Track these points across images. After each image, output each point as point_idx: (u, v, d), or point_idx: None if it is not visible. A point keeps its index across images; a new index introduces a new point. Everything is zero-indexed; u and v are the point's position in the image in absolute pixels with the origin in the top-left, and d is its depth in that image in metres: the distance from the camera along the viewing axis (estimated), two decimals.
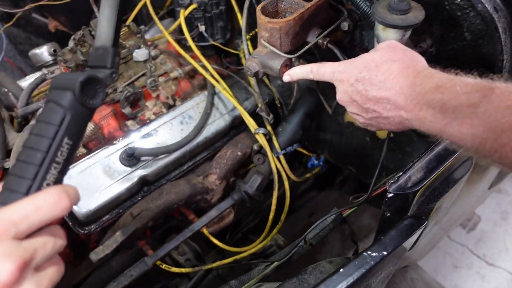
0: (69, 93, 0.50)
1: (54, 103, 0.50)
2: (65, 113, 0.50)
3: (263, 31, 0.92)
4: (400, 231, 0.73)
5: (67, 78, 0.52)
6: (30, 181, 0.47)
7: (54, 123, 0.49)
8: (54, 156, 0.49)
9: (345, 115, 1.27)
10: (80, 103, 0.51)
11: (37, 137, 0.49)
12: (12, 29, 1.93)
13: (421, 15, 0.81)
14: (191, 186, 1.30)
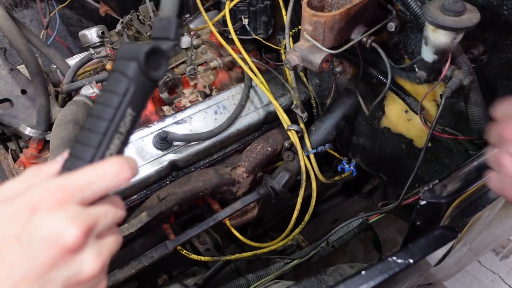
0: (134, 63, 0.50)
1: (119, 73, 0.50)
2: (129, 83, 0.50)
3: (307, 24, 0.90)
4: (430, 240, 0.69)
5: (132, 48, 0.52)
6: (95, 149, 0.48)
7: (119, 93, 0.49)
8: (117, 126, 0.49)
9: (382, 120, 1.23)
10: (144, 74, 0.51)
11: (102, 106, 0.49)
12: (66, 11, 2.03)
13: (476, 18, 0.77)
14: (218, 176, 1.30)
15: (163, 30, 0.55)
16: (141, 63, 0.50)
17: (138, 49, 0.51)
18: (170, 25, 0.55)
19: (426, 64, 0.87)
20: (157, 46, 0.52)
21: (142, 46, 0.51)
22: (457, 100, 0.98)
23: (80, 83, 1.37)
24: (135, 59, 0.50)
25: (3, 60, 1.41)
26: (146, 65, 0.50)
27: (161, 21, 0.56)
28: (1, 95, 1.35)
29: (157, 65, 0.52)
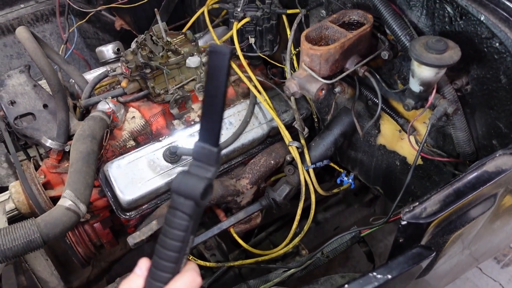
0: (192, 203, 0.62)
1: (180, 212, 0.63)
2: (190, 220, 0.63)
3: (305, 56, 0.99)
4: (408, 258, 0.77)
5: (186, 184, 0.63)
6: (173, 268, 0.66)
7: (183, 230, 0.63)
8: (184, 250, 0.65)
9: (378, 137, 1.31)
10: (198, 207, 0.63)
11: (170, 241, 0.64)
12: (83, 24, 2.14)
13: (456, 56, 0.84)
14: (224, 187, 1.40)
15: (205, 156, 0.65)
16: (198, 201, 0.62)
17: (194, 188, 0.62)
18: (211, 155, 0.65)
19: (413, 94, 0.95)
20: (210, 182, 0.63)
21: (197, 184, 0.62)
22: (446, 124, 1.05)
23: (97, 98, 1.47)
24: (193, 198, 0.62)
25: (28, 77, 1.53)
26: (201, 200, 0.62)
27: (203, 148, 0.65)
28: (25, 110, 1.46)
29: (207, 195, 0.64)
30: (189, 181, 0.63)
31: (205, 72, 0.61)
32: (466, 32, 0.89)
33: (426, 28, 0.97)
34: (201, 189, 0.62)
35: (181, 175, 0.65)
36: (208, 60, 0.63)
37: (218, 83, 0.63)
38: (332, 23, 1.02)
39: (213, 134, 0.65)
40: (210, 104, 0.66)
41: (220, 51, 0.61)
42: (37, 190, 1.37)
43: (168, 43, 1.47)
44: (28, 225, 1.08)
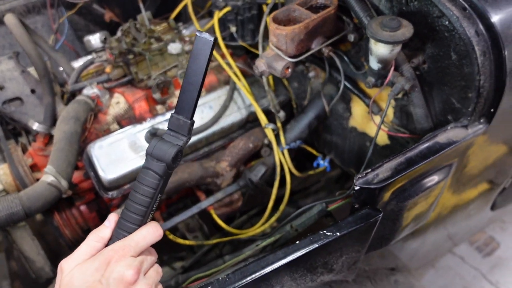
0: (163, 165, 0.73)
1: (152, 172, 0.73)
2: (160, 180, 0.73)
3: (272, 36, 1.05)
4: (357, 218, 0.83)
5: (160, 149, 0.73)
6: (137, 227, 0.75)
7: (153, 188, 0.73)
8: (151, 208, 0.75)
9: (350, 120, 1.36)
10: (168, 169, 0.73)
11: (140, 196, 0.73)
12: (74, 16, 2.20)
13: (408, 33, 0.90)
14: (203, 169, 1.45)
15: (180, 127, 0.76)
16: (169, 164, 0.72)
17: (167, 152, 0.73)
18: (185, 125, 0.75)
19: (373, 71, 1.01)
20: (180, 148, 0.74)
21: (169, 148, 0.73)
22: (407, 103, 1.11)
23: (83, 84, 1.53)
24: (165, 161, 0.72)
25: (16, 63, 1.58)
26: (172, 163, 0.73)
27: (178, 119, 0.75)
28: (13, 94, 1.52)
29: (177, 159, 0.75)
30: (163, 147, 0.73)
31: (190, 54, 0.71)
32: (420, 12, 0.94)
33: (386, 10, 1.03)
34: (172, 153, 0.72)
35: (156, 140, 0.75)
36: (194, 44, 0.72)
37: (200, 64, 0.73)
38: (299, 5, 1.08)
39: (189, 108, 0.74)
40: (190, 82, 0.75)
41: (205, 37, 0.71)
42: (24, 172, 1.43)
43: (151, 31, 1.53)
44: (11, 198, 1.14)
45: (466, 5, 0.87)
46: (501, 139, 1.13)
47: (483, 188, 1.39)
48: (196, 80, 0.74)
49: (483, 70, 0.87)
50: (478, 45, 0.85)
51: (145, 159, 0.75)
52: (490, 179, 1.36)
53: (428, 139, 0.92)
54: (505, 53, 0.87)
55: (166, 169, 0.73)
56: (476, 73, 0.87)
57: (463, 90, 0.93)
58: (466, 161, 1.03)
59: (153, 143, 0.74)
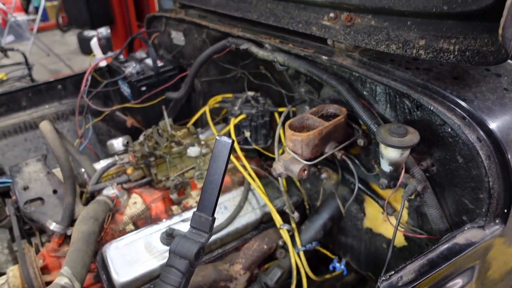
0: (186, 262, 0.75)
1: (175, 269, 0.75)
2: (183, 277, 0.75)
3: (289, 141, 1.14)
4: None
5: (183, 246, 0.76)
6: None
7: (176, 285, 0.75)
8: None
9: (364, 220, 1.38)
10: (191, 267, 0.76)
11: None
12: (98, 122, 2.39)
13: (416, 138, 0.98)
14: (217, 272, 1.42)
15: (201, 224, 0.80)
16: (192, 261, 0.75)
17: (189, 250, 0.76)
18: (207, 222, 0.80)
19: (385, 174, 1.06)
20: (203, 245, 0.77)
21: (193, 246, 0.76)
22: (420, 203, 1.14)
23: (103, 184, 1.59)
24: (188, 258, 0.75)
25: (43, 164, 1.68)
26: (194, 261, 0.76)
27: (200, 217, 0.80)
28: (36, 194, 1.58)
29: (200, 257, 0.78)
30: (185, 244, 0.76)
31: (211, 156, 0.81)
32: (424, 121, 1.04)
33: (391, 118, 1.13)
34: (195, 250, 0.75)
35: (179, 238, 0.77)
36: (214, 147, 0.80)
37: (220, 164, 0.81)
38: (312, 114, 1.19)
39: (210, 206, 0.80)
40: (210, 181, 0.81)
41: (224, 140, 0.80)
42: (34, 274, 1.40)
43: (172, 135, 1.65)
44: None
45: (465, 114, 0.96)
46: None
47: None
48: (216, 179, 0.81)
49: (490, 172, 0.92)
50: (482, 149, 0.92)
51: (168, 256, 0.77)
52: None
53: (447, 240, 0.93)
54: (508, 157, 0.94)
55: (189, 267, 0.74)
56: (484, 175, 0.92)
57: (474, 191, 0.97)
58: (488, 265, 1.02)
59: (176, 240, 0.77)
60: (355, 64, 1.19)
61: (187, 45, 2.17)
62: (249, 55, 1.60)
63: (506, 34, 0.64)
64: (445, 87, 1.02)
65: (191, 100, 2.37)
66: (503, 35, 0.64)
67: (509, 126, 0.97)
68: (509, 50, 0.68)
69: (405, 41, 0.96)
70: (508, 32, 0.64)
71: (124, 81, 2.21)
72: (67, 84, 2.32)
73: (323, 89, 1.33)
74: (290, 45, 1.39)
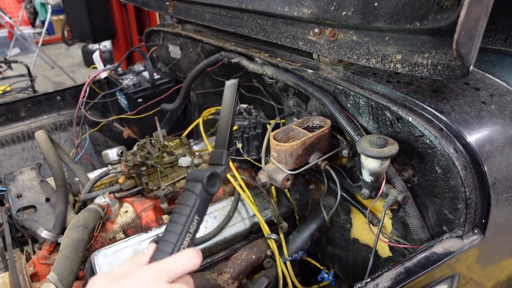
0: (199, 184, 0.76)
1: (189, 191, 0.76)
2: (196, 198, 0.75)
3: (273, 151, 1.16)
4: None
5: (198, 173, 0.78)
6: (173, 245, 0.74)
7: (190, 205, 0.75)
8: (188, 228, 0.75)
9: (351, 231, 1.39)
10: (205, 191, 0.77)
11: (178, 214, 0.75)
12: (95, 133, 2.43)
13: (394, 149, 1.00)
14: (204, 280, 1.42)
15: (217, 158, 0.84)
16: (204, 183, 0.76)
17: (202, 174, 0.78)
18: (222, 155, 0.84)
19: (367, 184, 1.08)
20: (215, 171, 0.80)
21: (205, 171, 0.78)
22: (403, 214, 1.16)
23: (96, 193, 1.62)
24: (200, 181, 0.77)
25: (37, 173, 1.71)
26: (207, 184, 0.77)
27: (216, 152, 0.85)
28: (28, 202, 1.60)
29: (214, 183, 0.79)
30: (200, 171, 0.79)
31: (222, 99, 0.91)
32: (404, 132, 1.06)
33: (374, 130, 1.16)
34: (207, 174, 0.76)
35: (196, 170, 0.82)
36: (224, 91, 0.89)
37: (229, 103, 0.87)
38: (297, 126, 1.22)
39: (224, 141, 0.86)
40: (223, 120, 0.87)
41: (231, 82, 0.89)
42: (24, 281, 1.42)
43: (165, 146, 1.68)
44: None
45: (442, 126, 0.99)
46: (506, 253, 1.14)
47: None
48: (227, 118, 0.87)
49: (467, 182, 0.94)
50: (458, 160, 0.94)
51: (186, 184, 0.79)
52: None
53: (425, 249, 0.94)
54: (484, 169, 0.96)
55: (202, 189, 0.75)
56: (461, 185, 0.94)
57: (453, 201, 0.99)
58: (472, 274, 1.03)
59: (193, 171, 0.81)
60: (339, 77, 1.23)
61: (183, 58, 2.22)
62: (241, 68, 1.65)
63: (461, 50, 0.67)
64: (423, 100, 1.05)
65: (187, 112, 2.41)
66: (457, 50, 0.67)
67: (485, 139, 1.00)
68: (467, 65, 0.71)
69: (383, 55, 0.99)
70: (464, 48, 0.67)
71: (121, 92, 2.26)
72: (66, 96, 2.38)
73: (310, 102, 1.36)
74: (279, 59, 1.44)
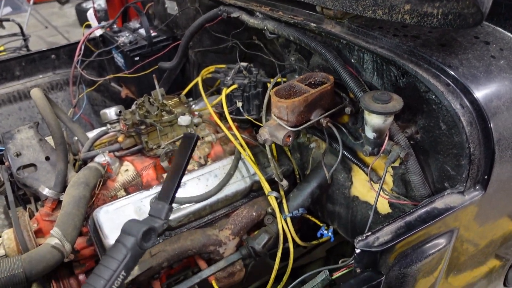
0: (133, 238, 0.75)
1: (121, 244, 0.75)
2: (127, 253, 0.74)
3: (274, 107, 1.14)
4: (358, 281, 0.82)
5: (134, 225, 0.77)
6: None
7: (118, 259, 0.74)
8: (111, 284, 0.73)
9: (351, 189, 1.40)
10: (139, 246, 0.75)
11: (104, 268, 0.73)
12: (93, 93, 2.39)
13: (399, 105, 0.98)
14: (206, 236, 1.45)
15: (158, 211, 0.82)
16: (139, 238, 0.75)
17: (138, 228, 0.76)
18: (163, 209, 0.82)
19: (369, 141, 1.07)
20: (152, 226, 0.78)
21: (141, 225, 0.76)
22: (405, 171, 1.15)
23: (95, 152, 1.61)
24: (135, 235, 0.75)
25: (35, 132, 1.69)
26: (142, 239, 0.75)
27: (157, 204, 0.83)
28: (28, 160, 1.60)
29: (149, 238, 0.77)
30: (136, 224, 0.78)
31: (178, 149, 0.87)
32: (409, 88, 1.04)
33: (378, 86, 1.13)
34: (143, 229, 0.76)
35: (132, 220, 0.80)
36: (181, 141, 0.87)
37: (183, 157, 0.85)
38: (299, 82, 1.19)
39: (169, 194, 0.84)
40: (173, 172, 0.85)
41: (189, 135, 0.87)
42: (28, 237, 1.44)
43: (163, 104, 1.65)
44: (13, 260, 1.14)
45: (449, 81, 0.96)
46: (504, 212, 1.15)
47: (493, 264, 1.36)
48: (178, 171, 0.84)
49: (471, 138, 0.93)
50: (464, 116, 0.92)
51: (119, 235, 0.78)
52: (499, 254, 1.34)
53: (426, 205, 0.94)
54: (490, 125, 0.94)
55: (135, 244, 0.75)
56: (465, 141, 0.93)
57: (456, 157, 0.98)
58: (469, 232, 1.04)
59: (128, 221, 0.80)
60: (343, 31, 1.18)
61: (180, 14, 2.13)
62: (242, 24, 1.58)
63: None
64: (431, 54, 1.01)
65: (185, 71, 2.35)
66: None
67: (493, 94, 0.97)
68: (483, 10, 0.67)
69: (391, 6, 0.94)
70: None
71: (117, 50, 2.19)
72: (61, 54, 2.31)
73: (312, 58, 1.32)
74: (280, 13, 1.38)
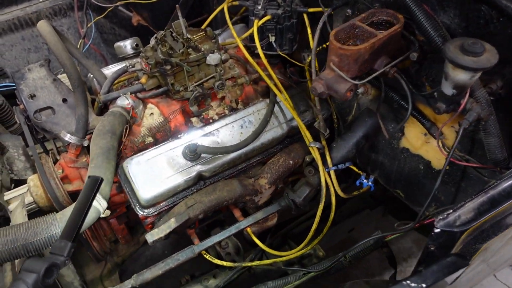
0: (34, 275, 0.78)
1: (22, 281, 0.78)
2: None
3: (333, 55, 0.97)
4: (442, 267, 0.75)
5: (35, 262, 0.80)
6: None
7: None
8: None
9: (401, 140, 1.28)
10: (41, 283, 0.79)
11: None
12: (101, 19, 2.14)
13: (494, 58, 0.81)
14: (242, 187, 1.38)
15: (60, 249, 0.85)
16: (41, 276, 0.79)
17: (40, 265, 0.80)
18: (65, 247, 0.86)
19: (445, 97, 0.92)
20: (55, 262, 0.82)
21: (43, 262, 0.80)
22: (476, 129, 1.02)
23: (116, 93, 1.46)
24: (37, 272, 0.79)
25: (47, 71, 1.52)
26: (44, 277, 0.79)
27: (60, 242, 0.87)
28: (44, 103, 1.46)
29: (51, 274, 0.81)
30: (38, 261, 0.82)
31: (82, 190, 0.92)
32: (502, 34, 0.86)
33: (459, 29, 0.95)
34: (46, 266, 0.80)
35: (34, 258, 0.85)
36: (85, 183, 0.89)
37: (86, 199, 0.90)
38: (360, 22, 1.00)
39: (72, 233, 0.88)
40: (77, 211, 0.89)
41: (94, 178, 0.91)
42: (55, 184, 1.37)
43: (188, 40, 1.45)
44: (50, 220, 1.08)
45: None
46: None
47: None
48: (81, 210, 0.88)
49: None
50: None
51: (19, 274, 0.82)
52: None
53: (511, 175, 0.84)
54: None
55: (37, 281, 0.79)
56: None
57: None
58: None
59: (29, 260, 0.85)
60: None
61: None
62: None
63: None
64: None
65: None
66: None
67: None
68: None
69: None
70: None
71: None
72: None
73: None
74: None
